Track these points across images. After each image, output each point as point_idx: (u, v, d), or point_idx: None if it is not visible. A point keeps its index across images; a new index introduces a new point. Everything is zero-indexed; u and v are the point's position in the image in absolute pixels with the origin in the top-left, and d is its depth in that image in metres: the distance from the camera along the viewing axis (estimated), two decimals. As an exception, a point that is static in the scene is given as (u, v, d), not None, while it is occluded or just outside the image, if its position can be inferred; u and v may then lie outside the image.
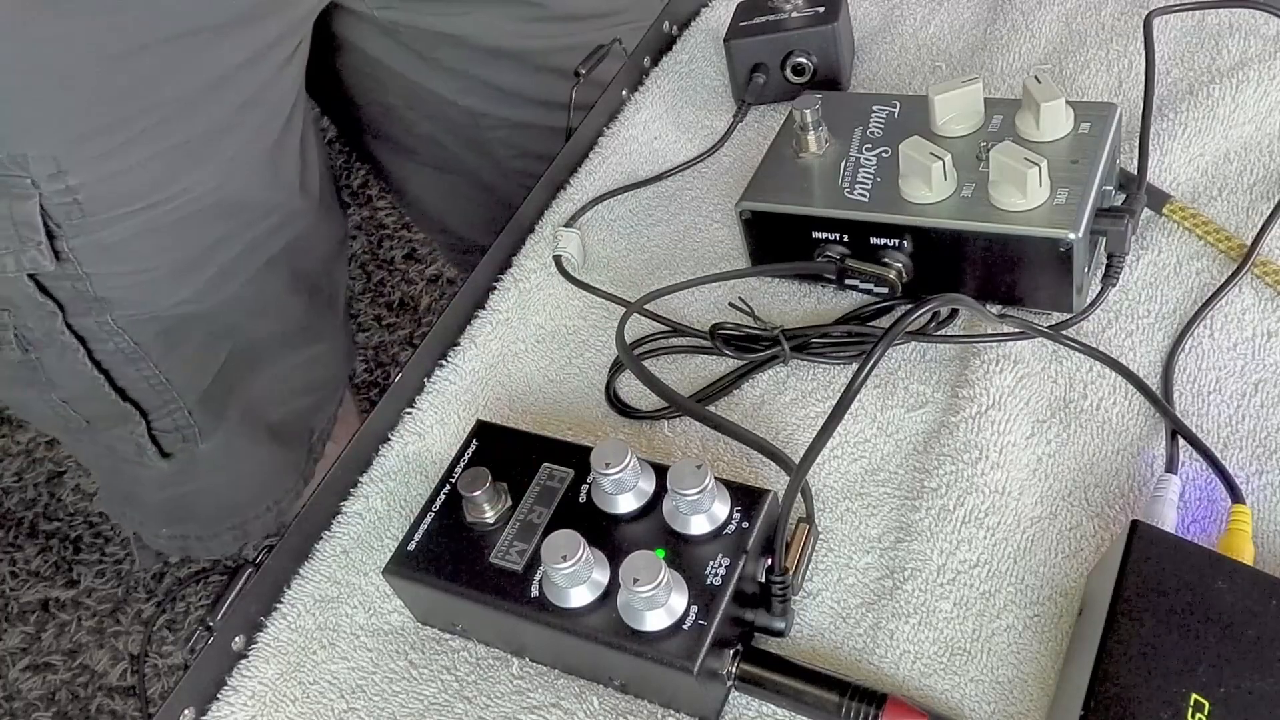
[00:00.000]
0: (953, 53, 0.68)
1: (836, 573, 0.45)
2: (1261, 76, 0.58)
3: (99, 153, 0.67)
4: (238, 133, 0.73)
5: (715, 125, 0.68)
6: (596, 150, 0.68)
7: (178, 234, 0.72)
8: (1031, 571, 0.43)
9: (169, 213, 0.71)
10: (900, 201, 0.51)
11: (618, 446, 0.42)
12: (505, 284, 0.61)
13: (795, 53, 0.65)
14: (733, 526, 0.42)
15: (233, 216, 0.75)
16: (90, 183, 0.67)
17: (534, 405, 0.55)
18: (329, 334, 0.91)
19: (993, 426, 0.47)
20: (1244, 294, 0.50)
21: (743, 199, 0.55)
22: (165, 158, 0.69)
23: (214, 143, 0.71)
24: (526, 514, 0.44)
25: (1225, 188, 0.54)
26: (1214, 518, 0.43)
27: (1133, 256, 0.52)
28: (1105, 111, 0.52)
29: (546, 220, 0.65)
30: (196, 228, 0.73)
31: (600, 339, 0.57)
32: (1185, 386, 0.47)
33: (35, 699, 1.37)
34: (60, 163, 0.65)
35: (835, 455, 0.49)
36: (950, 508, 0.45)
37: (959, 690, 0.40)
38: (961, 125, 0.53)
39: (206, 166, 0.72)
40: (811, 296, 0.56)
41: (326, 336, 0.91)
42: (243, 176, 0.74)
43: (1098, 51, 0.64)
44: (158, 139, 0.68)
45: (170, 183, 0.70)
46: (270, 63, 0.73)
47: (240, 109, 0.72)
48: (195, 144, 0.70)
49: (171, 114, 0.68)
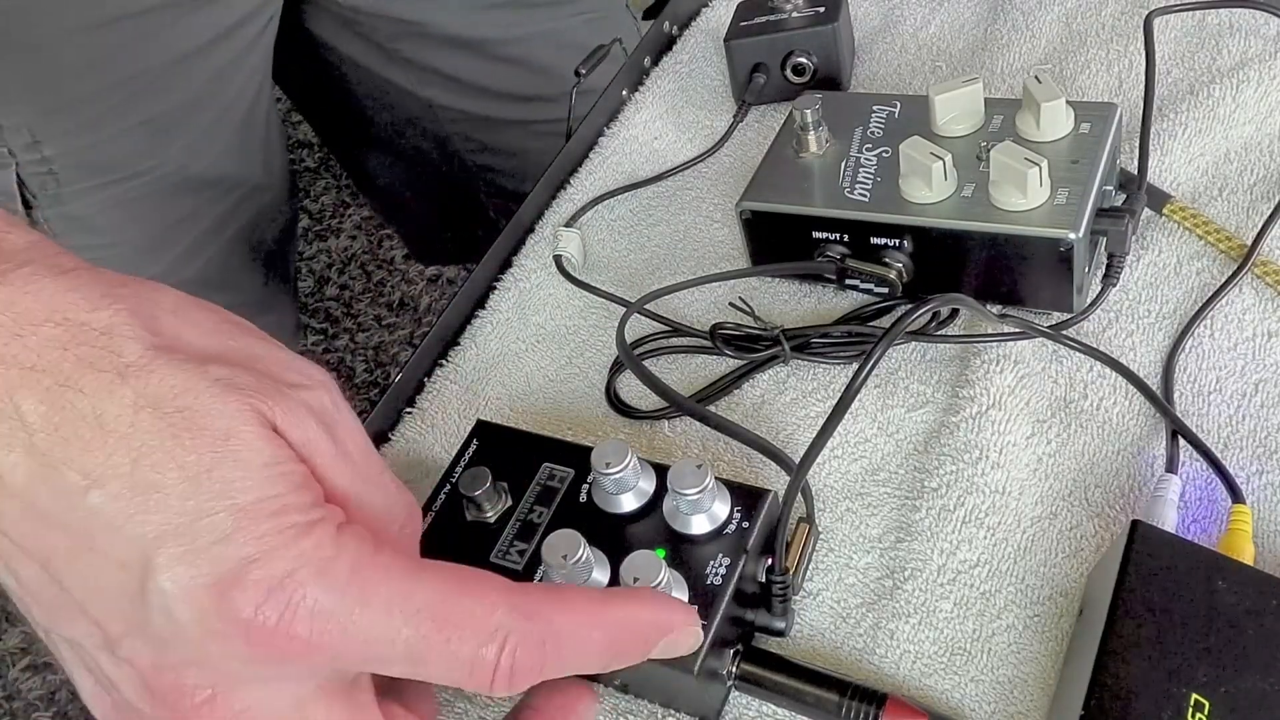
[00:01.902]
0: (953, 53, 0.68)
1: (837, 573, 0.45)
2: (1262, 76, 0.58)
3: (73, 124, 0.67)
4: (207, 108, 0.73)
5: (715, 125, 0.68)
6: (596, 150, 0.68)
7: (149, 208, 0.73)
8: (1032, 571, 0.43)
9: (140, 186, 0.72)
10: (900, 201, 0.51)
11: (618, 446, 0.42)
12: (505, 284, 0.61)
13: (795, 53, 0.65)
14: (733, 526, 0.42)
15: (201, 191, 0.76)
16: (65, 154, 0.67)
17: (534, 405, 0.55)
18: (279, 306, 0.93)
19: (993, 426, 0.47)
20: (1244, 294, 0.50)
21: (743, 199, 0.55)
22: (138, 131, 0.70)
23: (185, 118, 0.72)
24: (527, 513, 0.44)
25: (1225, 188, 0.54)
26: (1214, 518, 0.43)
27: (1133, 256, 0.52)
28: (1105, 111, 0.52)
29: (546, 220, 0.65)
30: (167, 202, 0.74)
31: (600, 339, 0.57)
32: (1185, 386, 0.47)
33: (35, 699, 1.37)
34: (35, 133, 0.66)
35: (835, 455, 0.49)
36: (950, 508, 0.45)
37: (959, 690, 0.40)
38: (962, 125, 0.53)
39: (177, 141, 0.72)
40: (811, 296, 0.56)
41: (276, 308, 0.92)
42: (212, 152, 0.75)
43: (1098, 51, 0.64)
44: (130, 112, 0.69)
45: (143, 156, 0.71)
46: (240, 39, 0.73)
47: (210, 84, 0.72)
48: (166, 118, 0.71)
49: (143, 87, 0.69)
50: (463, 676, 0.29)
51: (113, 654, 0.28)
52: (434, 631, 0.28)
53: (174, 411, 0.27)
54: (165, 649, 0.27)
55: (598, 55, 0.70)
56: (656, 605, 0.33)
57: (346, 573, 0.27)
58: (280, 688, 0.29)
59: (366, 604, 0.27)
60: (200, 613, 0.26)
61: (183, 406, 0.27)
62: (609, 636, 0.31)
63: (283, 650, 0.27)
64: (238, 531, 0.27)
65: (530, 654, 0.29)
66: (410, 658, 0.28)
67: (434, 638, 0.28)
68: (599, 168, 0.67)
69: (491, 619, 0.29)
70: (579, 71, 0.68)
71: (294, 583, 0.27)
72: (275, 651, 0.27)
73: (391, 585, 0.28)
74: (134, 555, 0.26)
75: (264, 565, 0.27)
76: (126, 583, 0.27)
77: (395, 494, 0.33)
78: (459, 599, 0.29)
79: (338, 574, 0.27)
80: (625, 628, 0.32)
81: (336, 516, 0.29)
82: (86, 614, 0.28)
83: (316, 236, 1.97)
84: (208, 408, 0.27)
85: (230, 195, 0.79)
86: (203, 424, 0.27)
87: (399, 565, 0.29)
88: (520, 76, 0.86)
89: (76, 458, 0.26)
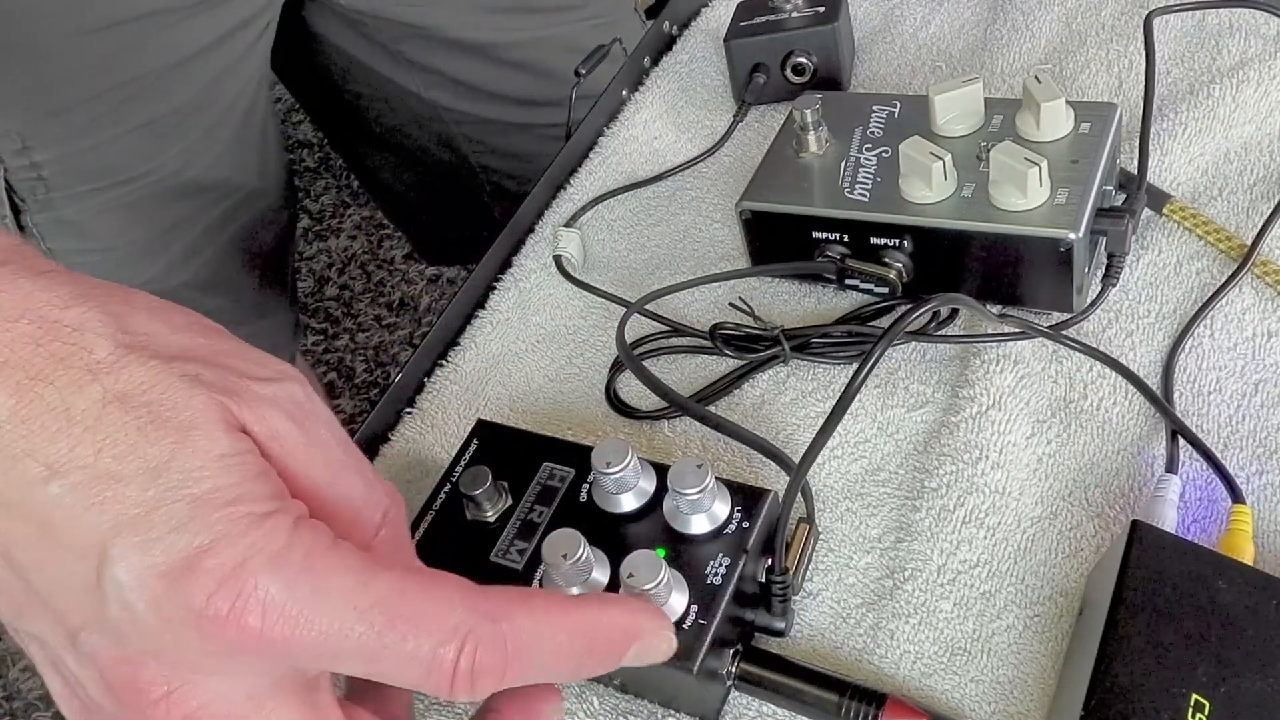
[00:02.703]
0: (953, 53, 0.68)
1: (836, 573, 0.45)
2: (1261, 76, 0.58)
3: (67, 130, 0.67)
4: (204, 113, 0.73)
5: (715, 125, 0.68)
6: (596, 150, 0.68)
7: (144, 213, 0.72)
8: (1032, 571, 0.43)
9: (133, 191, 0.71)
10: (900, 201, 0.51)
11: (618, 446, 0.42)
12: (505, 284, 0.61)
13: (795, 53, 0.65)
14: (733, 526, 0.42)
15: (196, 197, 0.76)
16: (56, 159, 0.67)
17: (534, 405, 0.55)
18: (276, 310, 0.93)
19: (993, 426, 0.47)
20: (1244, 294, 0.50)
21: (743, 199, 0.55)
22: (132, 136, 0.70)
23: (180, 122, 0.72)
24: (527, 513, 0.44)
25: (1225, 188, 0.55)
26: (1214, 518, 0.43)
27: (1133, 256, 0.52)
28: (1105, 111, 0.52)
29: (546, 220, 0.65)
30: (162, 207, 0.74)
31: (600, 339, 0.57)
32: (1185, 386, 0.47)
33: (35, 699, 1.37)
34: (25, 139, 0.65)
35: (835, 455, 0.49)
36: (950, 508, 0.45)
37: (959, 690, 0.40)
38: (961, 125, 0.53)
39: (173, 146, 0.72)
40: (811, 296, 0.56)
41: (273, 312, 0.92)
42: (208, 156, 0.75)
43: (1098, 51, 0.64)
44: (124, 117, 0.69)
45: (138, 161, 0.71)
46: (238, 44, 0.73)
47: (207, 88, 0.72)
48: (161, 123, 0.71)
49: (138, 92, 0.69)
50: (420, 677, 0.28)
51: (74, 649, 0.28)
52: (388, 628, 0.27)
53: (140, 405, 0.27)
54: (123, 641, 0.27)
55: (597, 55, 0.70)
56: (626, 610, 0.33)
57: (299, 564, 0.27)
58: (237, 682, 0.28)
59: (319, 597, 0.27)
60: (154, 601, 0.26)
61: (149, 400, 0.27)
62: (575, 641, 0.31)
63: (235, 641, 0.27)
64: (192, 520, 0.27)
65: (491, 655, 0.28)
66: (365, 655, 0.28)
67: (389, 634, 0.27)
68: (599, 168, 0.67)
69: (451, 617, 0.28)
70: (579, 72, 0.68)
71: (245, 572, 0.27)
72: (227, 642, 0.27)
73: (346, 578, 0.28)
74: (92, 545, 0.26)
75: (215, 554, 0.26)
76: (85, 573, 0.27)
77: (375, 483, 0.33)
78: (417, 596, 0.28)
79: (290, 565, 0.27)
80: (592, 632, 0.31)
81: (295, 509, 0.29)
82: (49, 607, 0.28)
83: (316, 236, 1.97)
84: (173, 401, 0.28)
85: (227, 199, 0.79)
86: (166, 416, 0.27)
87: (356, 560, 0.28)
88: (525, 80, 0.86)
89: (40, 448, 0.27)
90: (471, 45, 0.84)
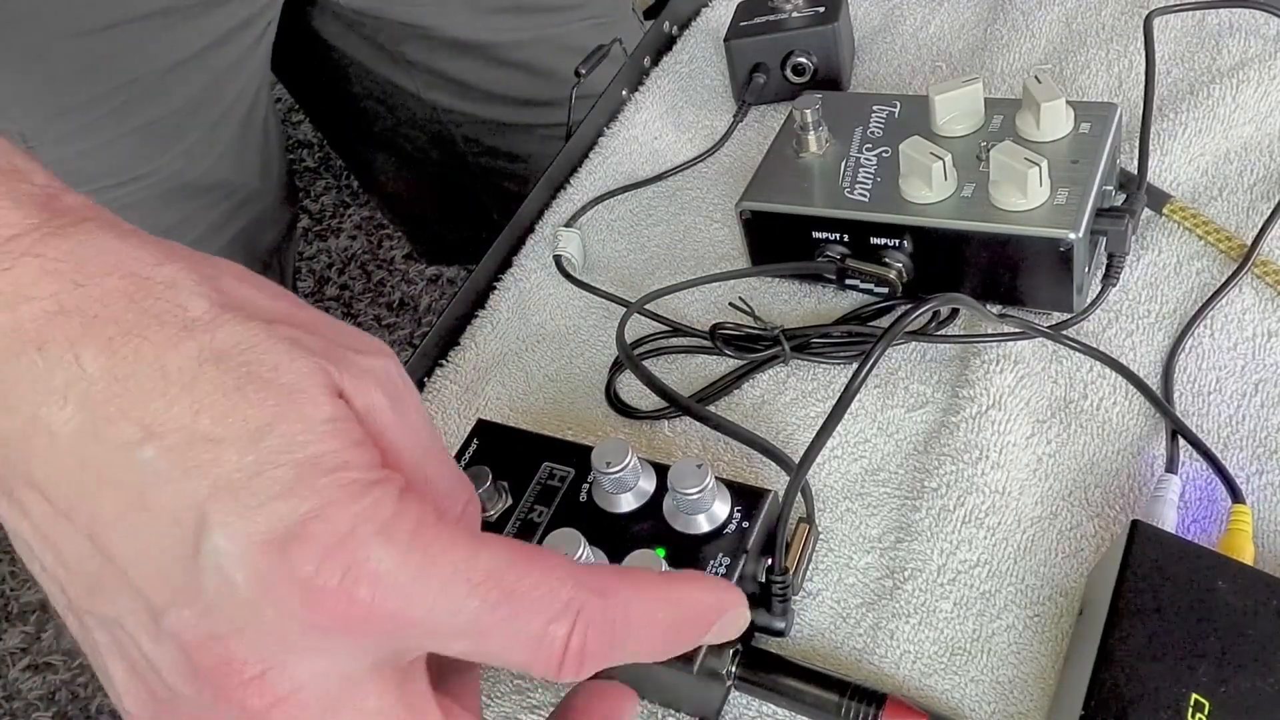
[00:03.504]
0: (953, 53, 0.68)
1: (836, 573, 0.45)
2: (1261, 76, 0.58)
3: (68, 130, 0.67)
4: (205, 113, 0.73)
5: (715, 125, 0.68)
6: (596, 150, 0.68)
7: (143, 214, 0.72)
8: (1031, 571, 0.43)
9: (135, 192, 0.71)
10: (900, 201, 0.51)
11: (619, 446, 0.42)
12: (505, 284, 0.61)
13: (795, 53, 0.65)
14: (733, 526, 0.42)
15: (197, 197, 0.76)
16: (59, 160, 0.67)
17: (534, 405, 0.55)
18: None
19: (993, 426, 0.47)
20: (1244, 294, 0.50)
21: (743, 199, 0.55)
22: (133, 137, 0.70)
23: (181, 123, 0.72)
24: (527, 512, 0.44)
25: (1225, 188, 0.54)
26: (1214, 518, 0.43)
27: (1133, 256, 0.52)
28: (1105, 111, 0.52)
29: (546, 220, 0.65)
30: (162, 208, 0.74)
31: (600, 339, 0.57)
32: (1185, 386, 0.47)
33: (35, 699, 1.37)
34: (29, 139, 0.65)
35: (835, 455, 0.49)
36: (950, 508, 0.45)
37: (959, 690, 0.40)
38: (961, 125, 0.53)
39: (173, 147, 0.72)
40: (811, 296, 0.56)
41: None
42: (209, 157, 0.75)
43: (1098, 51, 0.64)
44: (126, 118, 0.69)
45: (138, 162, 0.71)
46: (238, 45, 0.73)
47: (207, 89, 0.72)
48: (162, 124, 0.71)
49: (140, 93, 0.69)
50: (527, 656, 0.26)
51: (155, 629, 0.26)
52: (501, 603, 0.26)
53: (239, 365, 0.26)
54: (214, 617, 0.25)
55: (597, 55, 0.70)
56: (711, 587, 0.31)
57: (409, 535, 0.25)
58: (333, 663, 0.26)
59: (430, 569, 0.25)
60: (256, 571, 0.25)
61: (248, 361, 0.26)
62: (673, 618, 0.29)
63: (342, 615, 0.25)
64: (298, 486, 0.25)
65: (601, 635, 0.27)
66: (473, 632, 0.26)
67: (500, 610, 0.26)
68: (599, 168, 0.67)
69: (561, 592, 0.26)
70: (579, 72, 0.68)
71: (355, 541, 0.25)
72: (334, 616, 0.25)
73: (456, 551, 0.26)
74: (188, 511, 0.25)
75: (324, 521, 0.25)
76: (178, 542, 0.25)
77: (458, 473, 0.32)
78: (527, 569, 0.26)
79: (400, 536, 0.25)
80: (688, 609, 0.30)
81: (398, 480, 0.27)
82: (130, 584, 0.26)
83: (316, 236, 1.97)
84: (274, 363, 0.26)
85: (228, 200, 0.79)
86: (268, 378, 0.26)
87: (462, 534, 0.27)
88: (524, 81, 0.86)
89: (135, 408, 0.25)
90: (471, 46, 0.84)
